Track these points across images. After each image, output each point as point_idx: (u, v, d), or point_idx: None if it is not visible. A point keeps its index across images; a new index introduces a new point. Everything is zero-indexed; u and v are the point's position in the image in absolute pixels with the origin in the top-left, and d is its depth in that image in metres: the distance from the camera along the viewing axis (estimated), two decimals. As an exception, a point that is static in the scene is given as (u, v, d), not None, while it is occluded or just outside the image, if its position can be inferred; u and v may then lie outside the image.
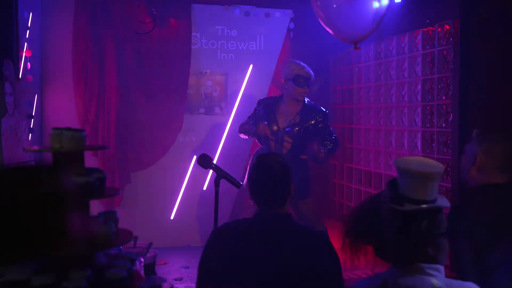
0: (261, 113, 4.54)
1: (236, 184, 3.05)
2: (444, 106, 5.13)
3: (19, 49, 4.46)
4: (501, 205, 2.20)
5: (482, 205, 2.24)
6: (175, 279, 4.61)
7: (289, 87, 4.48)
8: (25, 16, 4.73)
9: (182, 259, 5.20)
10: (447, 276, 1.62)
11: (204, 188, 5.62)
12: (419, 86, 5.46)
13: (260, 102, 4.72)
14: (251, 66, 5.76)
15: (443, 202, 1.65)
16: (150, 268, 4.26)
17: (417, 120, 5.52)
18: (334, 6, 4.07)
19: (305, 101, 4.57)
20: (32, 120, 4.78)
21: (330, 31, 4.29)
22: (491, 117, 4.59)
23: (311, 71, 4.52)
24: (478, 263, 2.05)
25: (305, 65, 4.55)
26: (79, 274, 2.26)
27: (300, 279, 2.01)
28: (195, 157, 5.39)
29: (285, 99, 4.54)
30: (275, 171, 2.14)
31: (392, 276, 1.61)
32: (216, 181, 3.00)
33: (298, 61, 4.60)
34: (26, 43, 4.70)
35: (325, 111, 4.64)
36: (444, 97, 5.12)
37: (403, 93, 5.77)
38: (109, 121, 5.29)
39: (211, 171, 4.80)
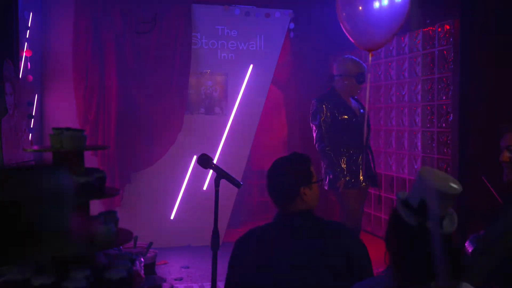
0: (339, 110, 4.46)
1: (236, 184, 3.04)
2: (444, 106, 5.13)
3: (19, 49, 4.46)
4: None
5: None
6: (175, 279, 4.61)
7: (349, 83, 4.53)
8: (26, 16, 4.73)
9: (182, 259, 5.20)
10: None
11: (204, 188, 5.62)
12: (419, 86, 5.46)
13: (323, 100, 4.51)
14: (251, 66, 5.76)
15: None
16: (150, 268, 4.26)
17: (417, 120, 5.52)
18: (360, 18, 4.16)
19: None
20: (32, 120, 4.78)
21: (352, 40, 4.35)
22: (491, 117, 4.59)
23: None
24: None
25: (362, 61, 4.65)
26: (79, 274, 2.26)
27: (329, 272, 2.04)
28: (195, 157, 5.39)
29: (341, 93, 4.57)
30: (276, 174, 2.22)
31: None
32: (216, 181, 2.99)
33: (355, 58, 4.66)
34: (26, 43, 4.69)
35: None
36: (444, 97, 5.12)
37: (403, 93, 5.77)
38: (109, 121, 5.29)
39: (211, 171, 4.80)
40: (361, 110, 4.59)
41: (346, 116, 4.46)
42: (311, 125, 4.57)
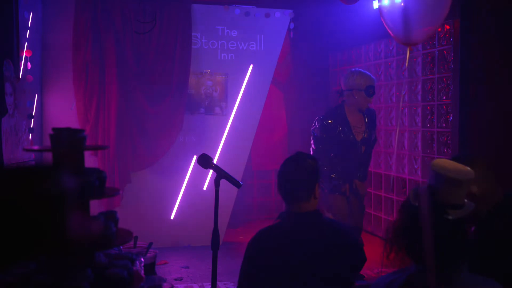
0: (340, 128, 4.49)
1: (236, 184, 3.05)
2: (444, 106, 5.13)
3: (19, 49, 4.46)
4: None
5: None
6: (175, 279, 4.61)
7: (359, 97, 4.50)
8: (25, 16, 4.73)
9: (182, 259, 5.20)
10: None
11: (204, 188, 5.62)
12: (419, 86, 5.47)
13: (326, 119, 4.50)
14: (251, 66, 5.76)
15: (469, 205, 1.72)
16: (150, 268, 4.26)
17: (417, 120, 5.52)
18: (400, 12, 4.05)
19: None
20: (32, 120, 4.78)
21: (393, 35, 4.26)
22: (491, 117, 4.59)
23: None
24: None
25: (370, 74, 4.61)
26: (79, 274, 2.26)
27: (332, 275, 2.10)
28: (195, 157, 5.39)
29: (349, 108, 4.55)
30: (301, 167, 2.22)
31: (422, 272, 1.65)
32: (216, 181, 3.00)
33: (363, 71, 4.63)
34: (26, 43, 4.69)
35: (374, 110, 4.81)
36: (444, 97, 5.12)
37: (403, 93, 5.77)
38: (109, 121, 5.29)
39: (211, 171, 4.80)
40: (362, 139, 4.56)
41: (342, 135, 4.47)
42: (311, 137, 4.60)
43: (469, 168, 1.73)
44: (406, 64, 4.43)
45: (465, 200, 1.70)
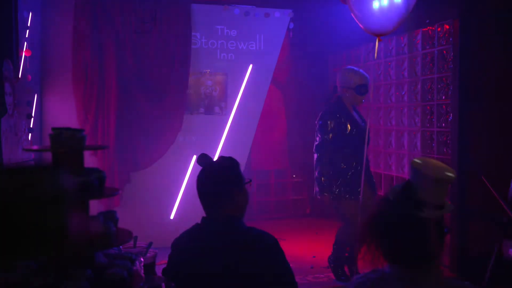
0: (345, 121, 4.51)
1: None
2: (444, 106, 5.13)
3: (19, 49, 4.45)
4: None
5: None
6: (175, 279, 4.60)
7: (350, 94, 4.56)
8: (25, 16, 4.72)
9: (182, 259, 5.20)
10: (447, 276, 1.65)
11: (204, 188, 5.61)
12: (419, 86, 5.46)
13: (330, 116, 4.52)
14: (251, 66, 5.76)
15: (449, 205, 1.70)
16: (150, 268, 4.25)
17: (416, 120, 5.52)
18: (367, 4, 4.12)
19: None
20: (32, 120, 4.78)
21: (361, 25, 4.34)
22: (491, 117, 4.59)
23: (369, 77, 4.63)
24: None
25: (364, 72, 4.62)
26: (79, 274, 2.26)
27: (247, 281, 2.06)
28: (195, 157, 5.39)
29: (345, 103, 4.60)
30: (209, 179, 2.22)
31: (396, 272, 1.63)
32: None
33: (356, 69, 4.65)
34: (26, 43, 4.69)
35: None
36: (444, 97, 5.12)
37: (403, 93, 5.77)
38: (109, 121, 5.29)
39: (211, 171, 4.79)
40: (362, 123, 4.61)
41: (350, 128, 4.48)
42: (316, 133, 4.57)
43: (451, 168, 1.69)
44: (375, 55, 4.50)
45: (445, 201, 1.67)
